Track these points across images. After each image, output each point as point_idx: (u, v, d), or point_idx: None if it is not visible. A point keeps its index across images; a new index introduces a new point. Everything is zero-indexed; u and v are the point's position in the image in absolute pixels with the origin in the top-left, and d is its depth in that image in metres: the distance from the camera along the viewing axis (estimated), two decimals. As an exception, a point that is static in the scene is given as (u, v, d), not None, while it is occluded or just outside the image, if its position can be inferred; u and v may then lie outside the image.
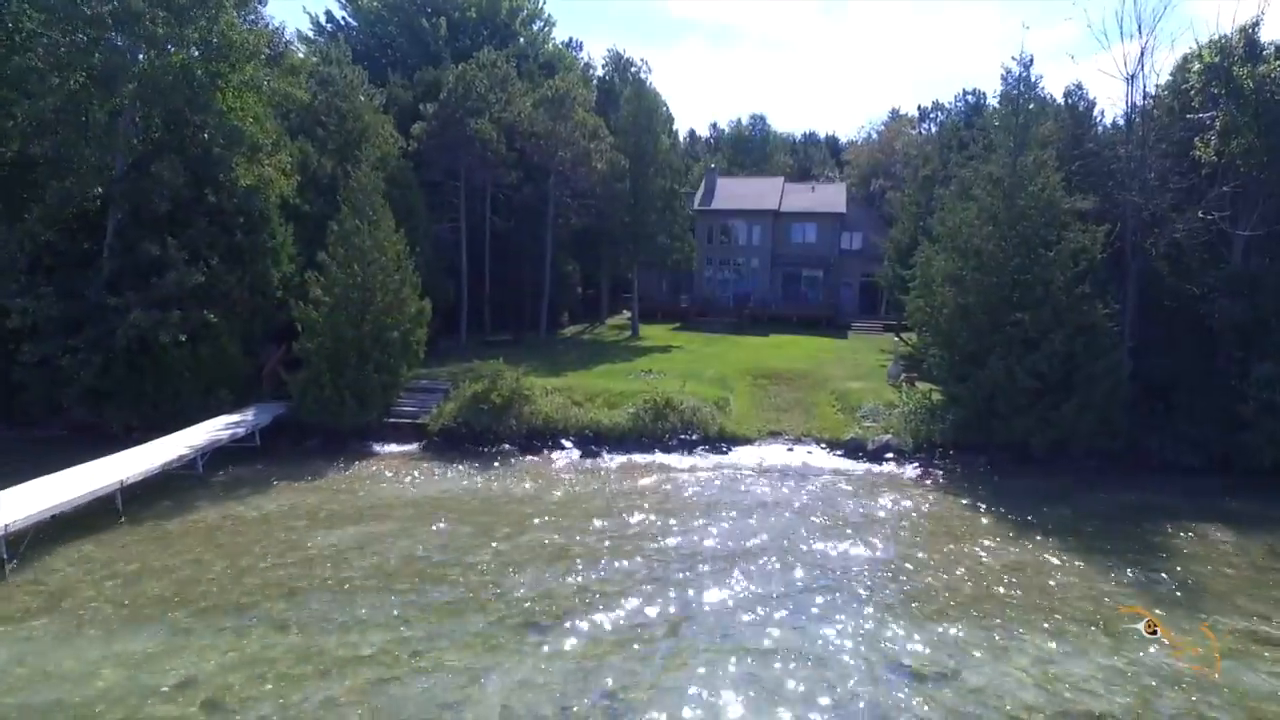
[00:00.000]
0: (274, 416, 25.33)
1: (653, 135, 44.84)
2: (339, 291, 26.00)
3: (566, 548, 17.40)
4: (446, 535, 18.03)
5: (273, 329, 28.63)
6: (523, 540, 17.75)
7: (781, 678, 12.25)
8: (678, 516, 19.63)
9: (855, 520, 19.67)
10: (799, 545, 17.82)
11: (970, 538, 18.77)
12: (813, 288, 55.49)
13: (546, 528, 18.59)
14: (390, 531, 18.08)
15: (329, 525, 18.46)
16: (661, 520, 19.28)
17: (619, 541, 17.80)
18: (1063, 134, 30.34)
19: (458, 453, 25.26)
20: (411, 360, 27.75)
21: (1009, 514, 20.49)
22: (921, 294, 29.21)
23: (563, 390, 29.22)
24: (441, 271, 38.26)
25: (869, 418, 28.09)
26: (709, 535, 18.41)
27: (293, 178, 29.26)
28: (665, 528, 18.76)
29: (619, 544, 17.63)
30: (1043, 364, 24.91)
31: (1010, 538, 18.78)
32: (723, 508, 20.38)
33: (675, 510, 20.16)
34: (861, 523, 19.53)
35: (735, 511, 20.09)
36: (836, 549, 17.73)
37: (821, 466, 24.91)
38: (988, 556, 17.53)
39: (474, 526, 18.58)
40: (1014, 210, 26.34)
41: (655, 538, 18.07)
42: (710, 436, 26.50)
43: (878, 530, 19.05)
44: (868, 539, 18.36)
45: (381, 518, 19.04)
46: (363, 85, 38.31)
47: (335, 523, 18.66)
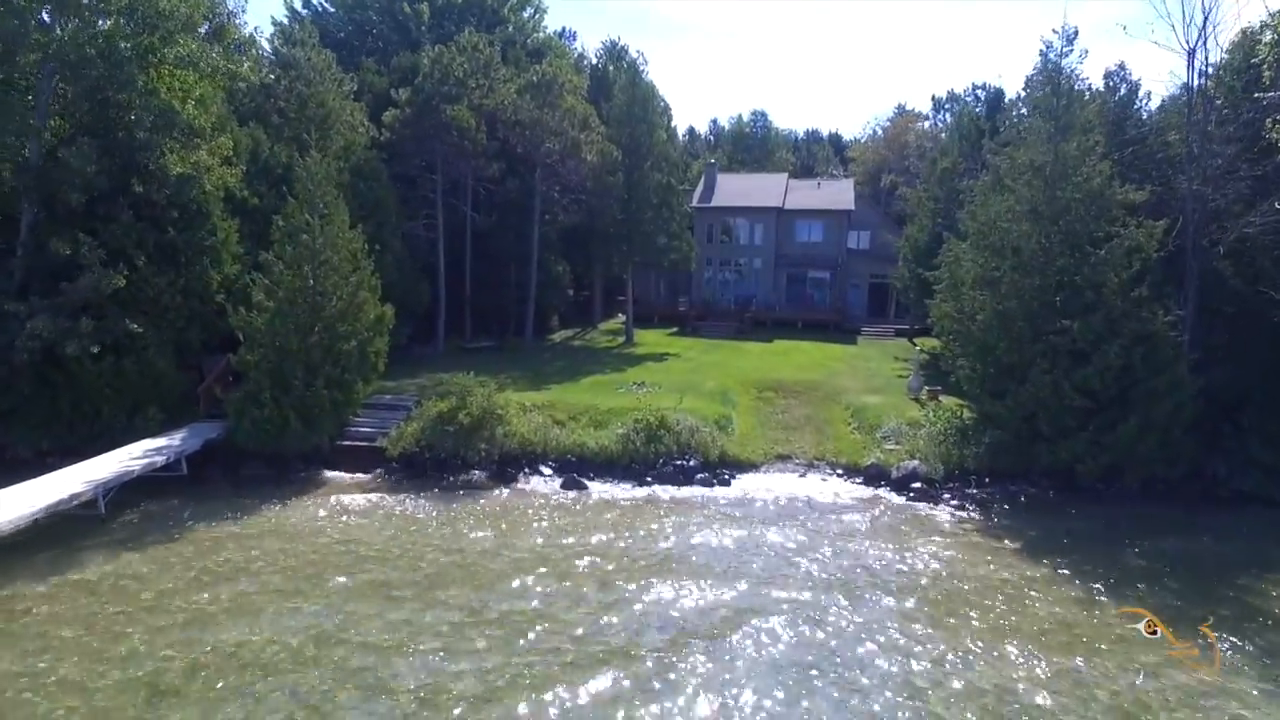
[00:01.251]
0: (205, 440, 21.93)
1: (649, 126, 41.44)
2: (284, 295, 22.64)
3: (513, 678, 12.11)
4: (368, 625, 13.61)
5: (216, 338, 25.21)
6: (459, 650, 12.94)
7: None
8: (667, 589, 15.29)
9: (894, 587, 15.73)
10: (834, 658, 12.98)
11: (1066, 629, 14.12)
12: (819, 290, 52.08)
13: (487, 626, 13.73)
14: (313, 612, 14.10)
15: (234, 605, 14.30)
16: (646, 602, 14.75)
17: (588, 647, 13.13)
18: (1104, 119, 26.99)
19: (418, 482, 21.90)
20: (368, 374, 24.35)
21: (1089, 575, 16.46)
22: (949, 297, 25.85)
23: (544, 407, 25.84)
24: (415, 272, 34.95)
25: (890, 439, 24.72)
26: (712, 640, 13.46)
27: (238, 167, 25.84)
28: (649, 616, 14.26)
29: (588, 652, 12.98)
30: (1094, 379, 21.59)
31: (1114, 627, 14.20)
32: (725, 575, 16.10)
33: (663, 577, 15.86)
34: (904, 600, 15.16)
35: (744, 582, 15.70)
36: (888, 667, 12.80)
37: (838, 499, 21.53)
38: (1110, 669, 12.78)
39: (403, 613, 14.08)
40: (1057, 203, 23.01)
41: (637, 645, 13.25)
42: (710, 462, 23.12)
43: (931, 617, 14.45)
44: (926, 642, 13.52)
45: (298, 588, 15.14)
46: (330, 69, 34.98)
47: (243, 600, 14.52)
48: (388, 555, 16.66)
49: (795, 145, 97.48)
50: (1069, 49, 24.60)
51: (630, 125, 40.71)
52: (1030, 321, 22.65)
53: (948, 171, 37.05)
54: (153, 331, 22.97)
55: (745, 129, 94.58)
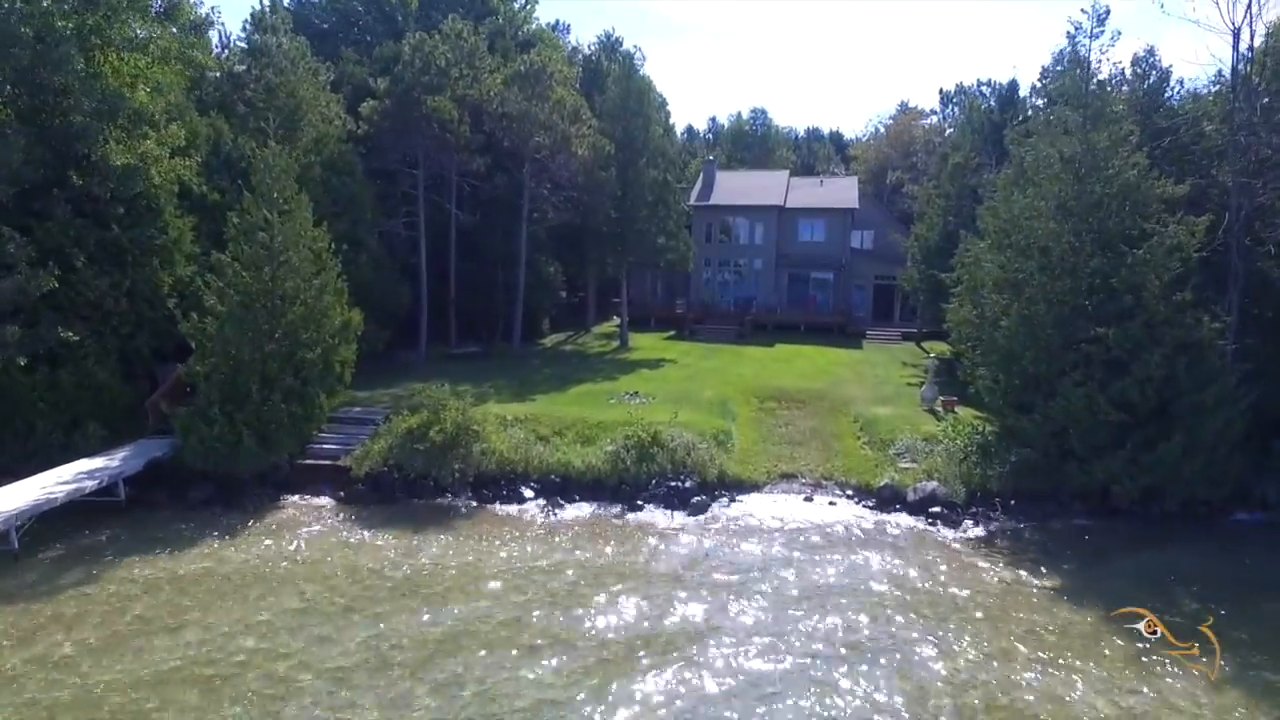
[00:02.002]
0: (148, 460, 19.80)
1: (644, 120, 39.32)
2: (238, 299, 20.54)
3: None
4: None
5: (171, 346, 23.11)
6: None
7: None
8: (655, 660, 12.93)
9: (931, 654, 13.31)
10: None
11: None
12: (822, 291, 50.00)
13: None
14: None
15: (129, 679, 11.95)
16: (628, 678, 12.36)
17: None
18: (1133, 108, 24.92)
19: (384, 507, 19.78)
20: (333, 386, 22.26)
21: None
22: (967, 301, 23.74)
23: (527, 421, 23.72)
24: (395, 274, 32.84)
25: (905, 456, 22.61)
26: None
27: (193, 158, 23.70)
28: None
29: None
30: (1133, 391, 19.51)
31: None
32: (723, 632, 13.88)
33: (650, 644, 13.46)
34: (941, 675, 12.77)
35: (755, 652, 13.20)
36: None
37: (851, 526, 19.40)
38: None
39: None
40: (1088, 198, 20.92)
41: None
42: (708, 483, 21.02)
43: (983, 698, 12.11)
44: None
45: (210, 658, 12.70)
46: (305, 57, 32.89)
47: (142, 671, 12.16)
48: (326, 606, 14.41)
49: (796, 144, 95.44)
50: (1099, 30, 22.52)
51: (625, 119, 38.60)
52: (1060, 328, 20.57)
53: (959, 167, 34.97)
54: (94, 339, 20.91)
55: (745, 127, 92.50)
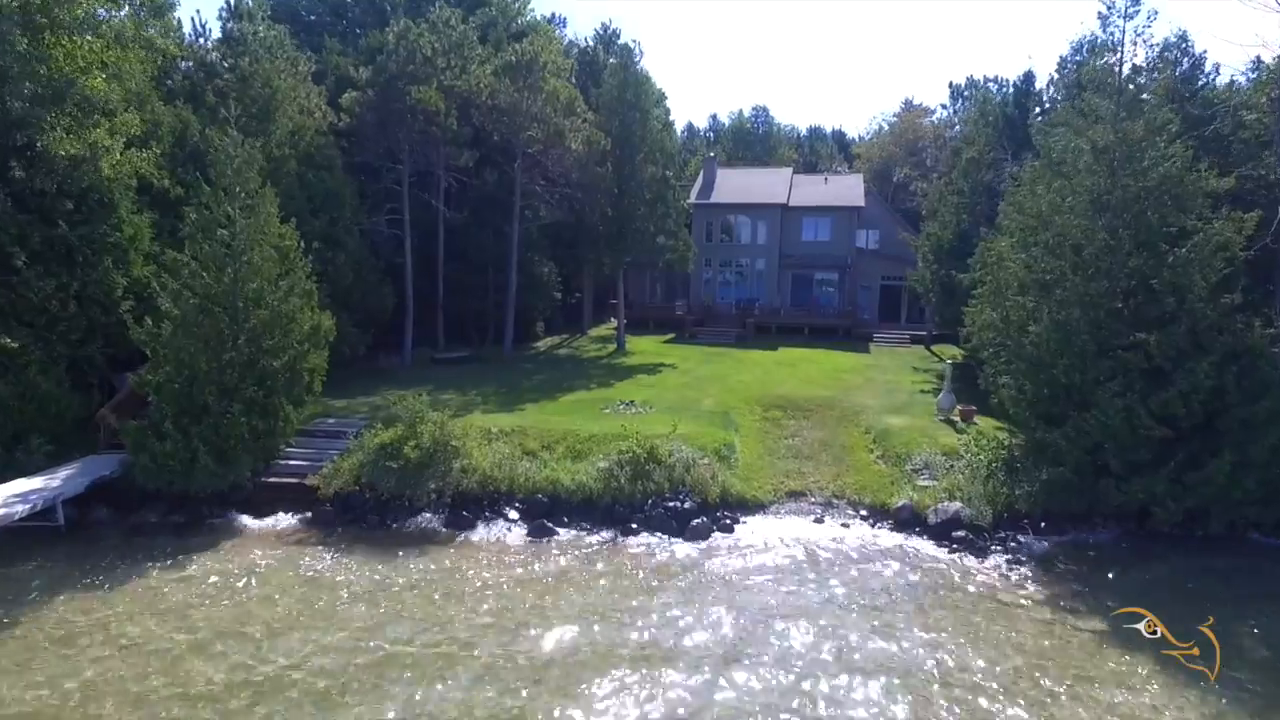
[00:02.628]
0: (93, 480, 18.01)
1: (642, 113, 37.48)
2: (195, 303, 18.76)
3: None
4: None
5: (126, 354, 21.31)
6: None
7: None
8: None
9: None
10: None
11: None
12: (827, 292, 48.26)
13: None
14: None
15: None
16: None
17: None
18: (1164, 96, 23.15)
19: (353, 530, 17.99)
20: (301, 396, 20.48)
21: (1234, 685, 12.26)
22: (990, 303, 21.96)
23: (513, 434, 21.93)
24: (377, 274, 31.09)
25: (923, 472, 20.82)
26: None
27: (153, 150, 21.90)
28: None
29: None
30: (1177, 404, 17.74)
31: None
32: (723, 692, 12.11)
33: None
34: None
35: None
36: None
37: (867, 553, 17.58)
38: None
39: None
40: (1126, 192, 19.13)
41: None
42: (709, 503, 19.22)
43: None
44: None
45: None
46: (283, 45, 31.15)
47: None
48: (266, 655, 12.63)
49: (798, 142, 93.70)
50: (1134, 9, 20.71)
51: (622, 112, 36.79)
52: (1095, 334, 18.78)
53: (974, 162, 33.18)
54: (39, 346, 19.13)
55: (746, 124, 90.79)
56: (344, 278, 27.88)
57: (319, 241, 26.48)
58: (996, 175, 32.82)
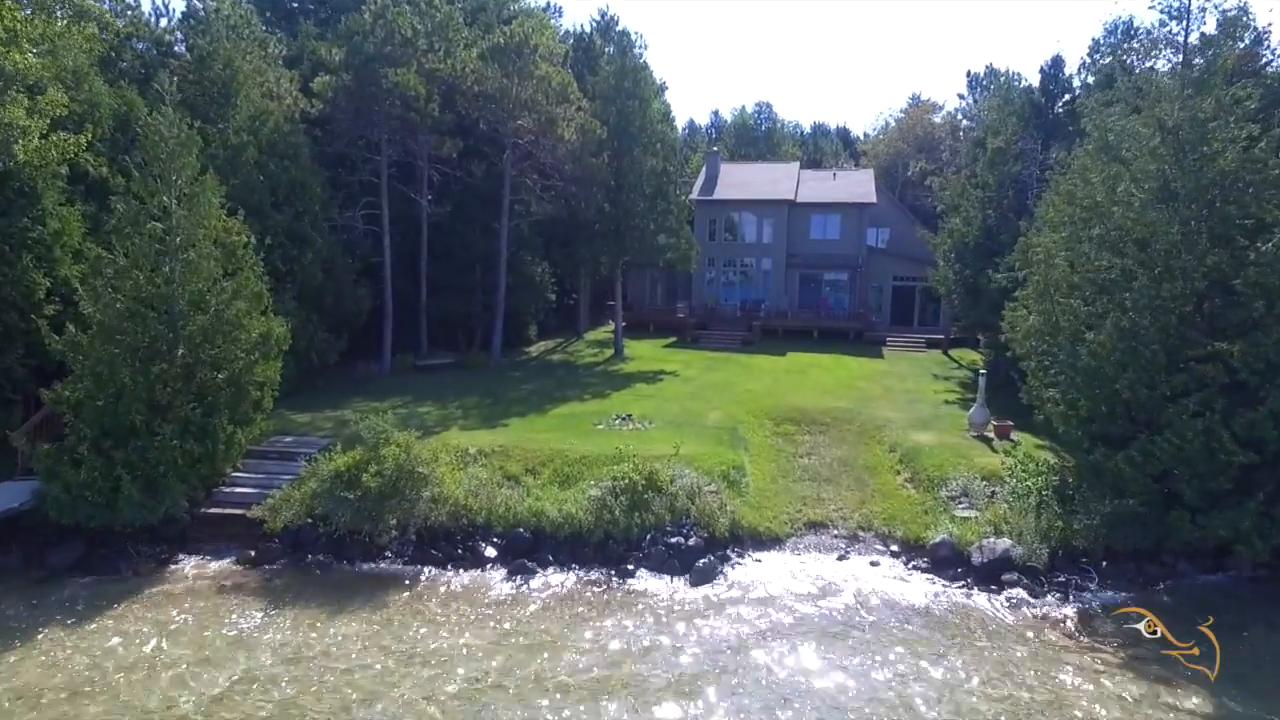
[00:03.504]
0: (1, 511, 15.41)
1: (640, 103, 34.91)
2: (121, 307, 16.17)
3: None
4: None
5: (53, 365, 18.68)
6: None
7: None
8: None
9: None
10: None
11: None
12: (836, 293, 45.65)
13: None
14: None
15: None
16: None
17: None
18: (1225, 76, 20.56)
19: (302, 573, 15.39)
20: (248, 414, 17.86)
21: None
22: (1036, 307, 19.34)
23: (495, 454, 19.35)
24: (352, 274, 28.48)
25: (962, 500, 18.22)
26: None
27: (84, 134, 19.21)
28: None
29: None
30: (1267, 425, 15.15)
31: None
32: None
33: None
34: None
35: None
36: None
37: (899, 604, 14.94)
38: None
39: None
40: (1199, 178, 16.52)
41: None
42: (717, 537, 16.61)
43: None
44: None
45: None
46: (249, 25, 28.61)
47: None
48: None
49: (802, 139, 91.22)
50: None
51: (619, 101, 34.21)
52: (1164, 343, 16.19)
53: (1000, 153, 30.57)
54: (-58, 356, 16.53)
55: (749, 120, 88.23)
56: (312, 278, 25.31)
57: (284, 237, 23.95)
58: (1025, 166, 30.25)
